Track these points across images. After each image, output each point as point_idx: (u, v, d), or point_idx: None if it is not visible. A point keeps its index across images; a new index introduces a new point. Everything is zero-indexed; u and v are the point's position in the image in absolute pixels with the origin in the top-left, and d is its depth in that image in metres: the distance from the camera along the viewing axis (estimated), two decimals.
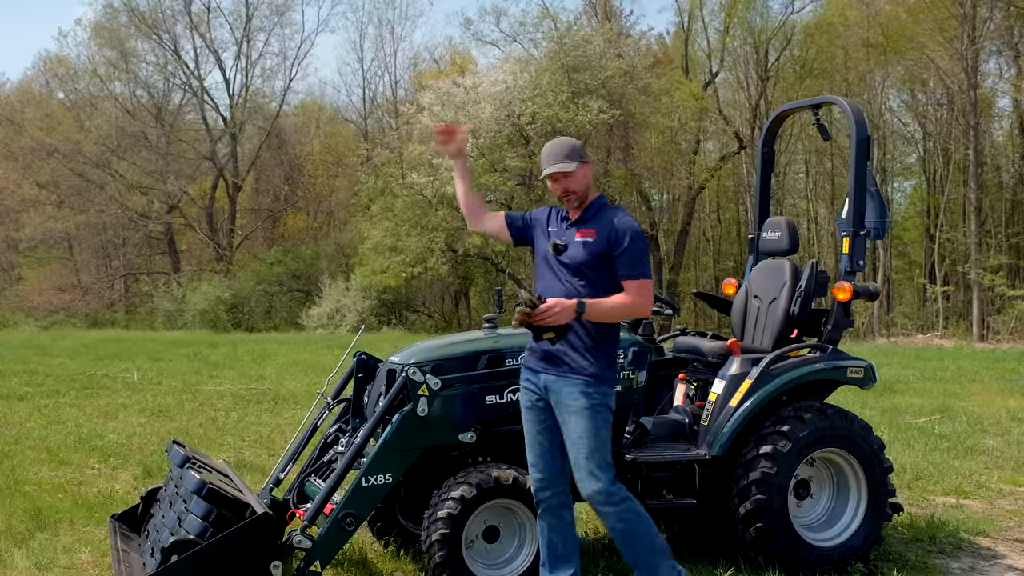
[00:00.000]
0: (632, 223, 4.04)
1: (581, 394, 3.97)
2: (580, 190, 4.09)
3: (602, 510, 4.02)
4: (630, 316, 4.08)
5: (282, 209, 41.80)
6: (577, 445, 3.98)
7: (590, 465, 3.96)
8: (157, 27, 37.70)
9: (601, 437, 3.98)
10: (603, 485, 3.96)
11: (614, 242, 3.98)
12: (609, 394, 4.04)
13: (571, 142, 4.14)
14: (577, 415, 3.97)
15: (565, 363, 4.01)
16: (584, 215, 4.11)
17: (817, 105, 5.77)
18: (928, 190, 33.88)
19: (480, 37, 36.41)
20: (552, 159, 4.07)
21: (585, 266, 4.02)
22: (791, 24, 33.51)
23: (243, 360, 16.50)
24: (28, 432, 8.95)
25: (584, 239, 4.03)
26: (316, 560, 4.19)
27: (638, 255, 3.98)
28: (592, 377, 3.97)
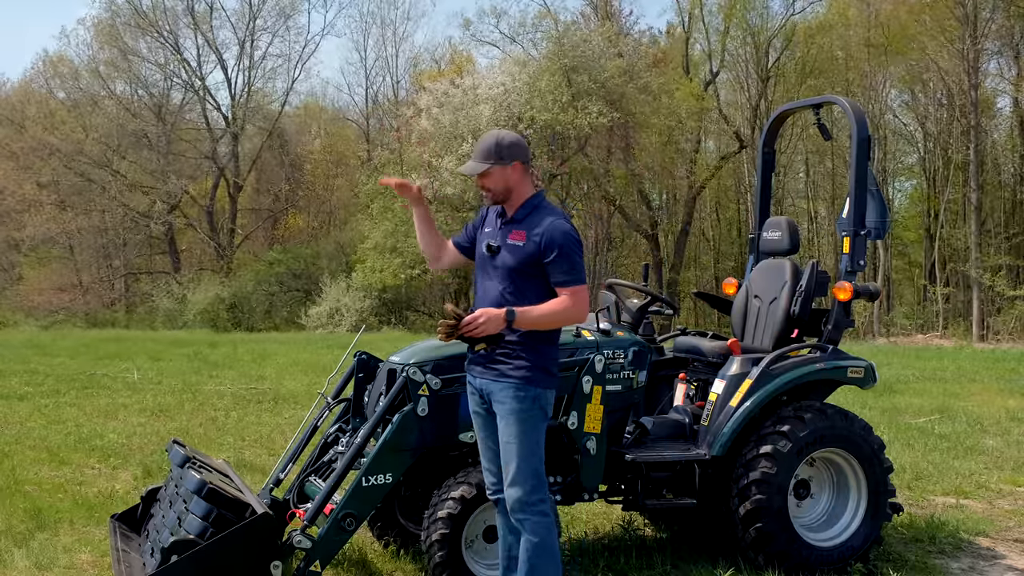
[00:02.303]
0: (563, 227, 3.84)
1: (512, 397, 3.83)
2: (496, 189, 3.93)
3: (520, 519, 3.87)
4: (565, 323, 3.90)
5: (283, 209, 41.79)
6: (504, 449, 3.87)
7: (511, 469, 3.84)
8: (159, 26, 37.72)
9: (528, 442, 3.83)
10: (520, 493, 3.81)
11: (544, 247, 3.80)
12: (542, 397, 3.87)
13: (494, 139, 3.95)
14: (506, 419, 3.86)
15: (498, 366, 3.87)
16: (516, 215, 3.94)
17: (818, 105, 5.77)
18: (928, 190, 33.89)
19: (480, 38, 36.41)
20: (473, 156, 3.95)
21: (515, 271, 3.87)
22: (791, 24, 33.53)
23: (243, 360, 16.49)
24: (28, 432, 8.94)
25: (515, 242, 3.87)
26: (316, 560, 4.19)
27: (571, 261, 3.80)
28: (523, 380, 3.82)
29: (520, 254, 3.86)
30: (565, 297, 3.81)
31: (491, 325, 3.74)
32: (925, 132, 33.92)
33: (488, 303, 3.91)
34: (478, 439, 4.15)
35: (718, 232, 39.31)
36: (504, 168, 3.91)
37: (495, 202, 3.99)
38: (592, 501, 5.01)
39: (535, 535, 3.86)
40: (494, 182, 3.93)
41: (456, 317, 3.74)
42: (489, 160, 3.92)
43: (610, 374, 4.86)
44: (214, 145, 38.99)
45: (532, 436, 3.86)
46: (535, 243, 3.83)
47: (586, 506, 5.78)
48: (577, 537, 5.51)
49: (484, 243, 4.00)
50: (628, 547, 5.26)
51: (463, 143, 28.78)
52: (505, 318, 3.75)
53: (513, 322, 3.76)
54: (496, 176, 3.92)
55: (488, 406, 4.00)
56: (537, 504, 3.85)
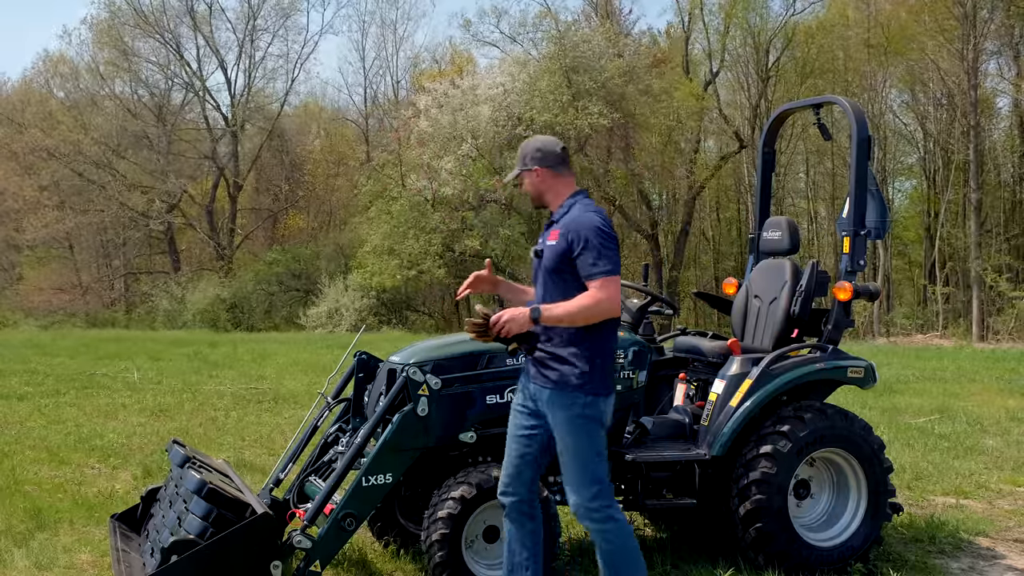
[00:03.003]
0: (590, 219, 3.79)
1: (564, 406, 3.79)
2: (530, 194, 4.04)
3: (586, 524, 3.86)
4: (596, 317, 3.74)
5: (282, 209, 41.79)
6: (562, 457, 3.85)
7: (569, 477, 3.83)
8: (160, 27, 37.72)
9: (581, 449, 3.78)
10: (580, 499, 3.80)
11: (572, 242, 3.78)
12: (593, 404, 3.79)
13: (523, 146, 4.05)
14: (560, 427, 3.83)
15: (548, 374, 3.82)
16: (555, 216, 3.97)
17: (818, 105, 5.77)
18: (928, 190, 33.89)
19: (480, 38, 36.40)
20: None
21: (552, 271, 3.86)
22: (791, 24, 33.53)
23: (243, 360, 16.49)
24: (28, 432, 8.94)
25: (551, 243, 3.88)
26: (316, 560, 4.19)
27: (597, 251, 3.72)
28: (569, 386, 3.77)
29: (553, 253, 3.86)
30: (593, 290, 3.73)
31: (515, 325, 3.71)
32: (925, 132, 33.92)
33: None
34: (509, 435, 4.10)
35: (718, 232, 39.31)
36: (530, 174, 3.99)
37: (536, 206, 4.09)
38: None
39: (607, 542, 3.83)
40: (525, 187, 4.05)
41: (484, 318, 3.72)
42: (521, 166, 4.03)
43: None
44: (214, 145, 38.99)
45: (585, 443, 3.80)
46: (566, 240, 3.83)
47: None
48: (577, 537, 5.50)
49: (532, 250, 4.07)
50: None
51: (462, 143, 28.78)
52: (530, 317, 3.71)
53: (539, 319, 3.72)
54: (530, 179, 4.01)
55: (533, 409, 3.96)
56: (601, 510, 3.81)
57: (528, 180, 4.00)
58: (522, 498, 4.00)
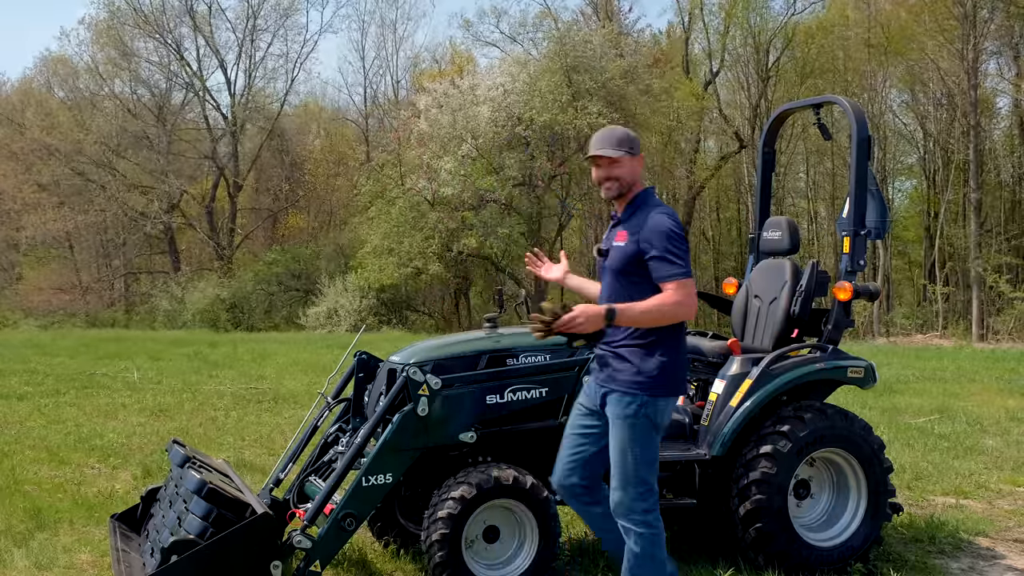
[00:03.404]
0: (665, 222, 3.80)
1: (618, 403, 3.82)
2: (623, 179, 3.92)
3: (622, 525, 3.88)
4: (670, 319, 3.78)
5: (282, 209, 41.80)
6: (613, 454, 3.88)
7: (617, 474, 3.85)
8: (160, 27, 37.71)
9: (634, 450, 3.80)
10: (623, 498, 3.82)
11: (645, 244, 3.79)
12: (652, 404, 3.79)
13: (625, 132, 3.99)
14: (614, 424, 3.85)
15: (610, 371, 3.87)
16: (623, 215, 3.97)
17: (818, 105, 5.77)
18: (928, 190, 33.89)
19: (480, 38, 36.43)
20: (600, 143, 3.92)
21: (620, 272, 3.88)
22: (792, 24, 33.52)
23: (243, 360, 16.49)
24: (28, 432, 8.94)
25: (619, 242, 3.89)
26: (316, 560, 4.19)
27: (673, 254, 3.75)
28: (632, 386, 3.79)
29: (622, 255, 3.86)
30: (669, 292, 3.74)
31: (589, 323, 3.66)
32: (925, 132, 33.91)
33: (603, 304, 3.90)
34: (566, 431, 4.17)
35: (718, 232, 39.31)
36: (633, 160, 3.94)
37: (616, 195, 3.96)
38: None
39: (637, 545, 3.84)
40: (621, 171, 3.92)
41: (553, 315, 3.67)
42: (622, 148, 3.91)
43: None
44: (214, 145, 38.98)
45: (639, 444, 3.81)
46: (635, 242, 3.82)
47: None
48: (577, 537, 5.50)
49: (595, 248, 4.05)
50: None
51: (462, 143, 28.78)
52: (605, 316, 3.68)
53: (614, 319, 3.69)
54: (627, 166, 3.93)
55: (593, 408, 4.00)
56: (641, 513, 3.82)
57: (630, 165, 3.92)
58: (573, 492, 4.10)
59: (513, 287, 29.84)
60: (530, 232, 30.40)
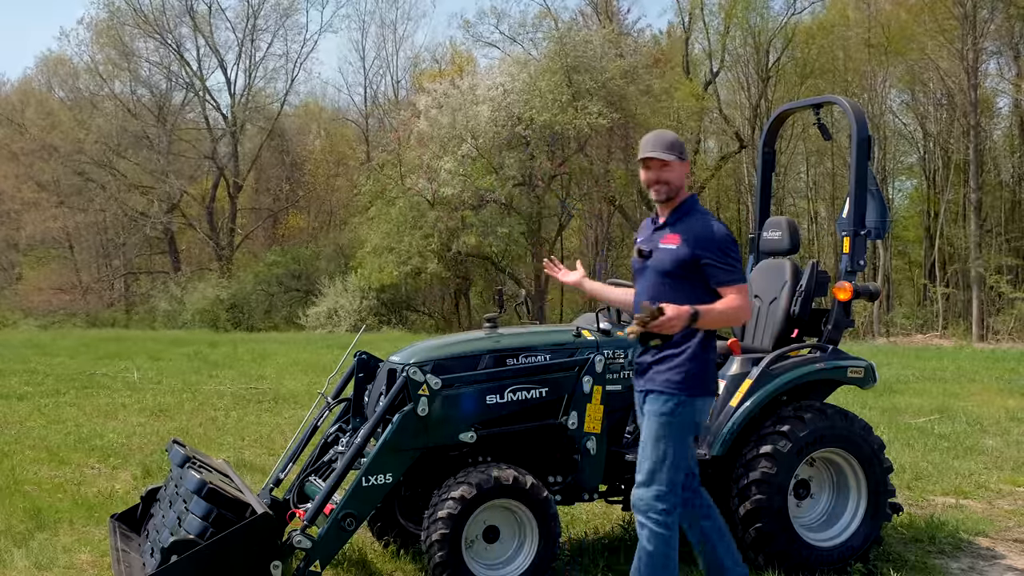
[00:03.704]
0: (719, 229, 3.92)
1: (657, 401, 3.89)
2: (672, 183, 3.98)
3: (640, 520, 3.90)
4: (735, 322, 3.95)
5: (283, 209, 41.80)
6: (643, 448, 3.91)
7: (644, 469, 3.88)
8: (160, 27, 37.72)
9: (664, 448, 3.85)
10: (647, 494, 3.85)
11: (700, 249, 3.86)
12: (687, 404, 3.87)
13: (675, 136, 4.05)
14: (651, 422, 3.90)
15: (652, 372, 3.93)
16: (670, 219, 4.01)
17: (818, 105, 5.76)
18: (928, 190, 33.88)
19: (480, 38, 36.39)
20: (652, 146, 3.97)
21: (668, 274, 3.93)
22: (792, 24, 33.52)
23: (243, 360, 16.50)
24: (28, 432, 8.95)
25: (668, 245, 3.93)
26: (316, 560, 4.19)
27: (731, 259, 3.88)
28: (671, 386, 3.86)
29: (673, 256, 3.90)
30: (734, 296, 3.85)
31: (679, 323, 3.72)
32: (925, 132, 33.90)
33: None
34: None
35: None
36: (682, 164, 3.99)
37: (665, 198, 4.00)
38: (592, 501, 5.01)
39: (651, 544, 3.86)
40: (673, 176, 3.98)
41: (652, 316, 3.69)
42: (674, 152, 3.96)
43: (610, 374, 4.86)
44: (214, 145, 38.99)
45: (671, 443, 3.86)
46: (690, 245, 3.87)
47: (586, 506, 5.78)
48: (577, 537, 5.50)
49: (635, 249, 4.08)
50: (628, 547, 5.24)
51: (462, 143, 28.78)
52: (689, 316, 3.72)
53: (697, 320, 3.75)
54: (677, 170, 3.98)
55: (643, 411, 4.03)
56: (661, 512, 3.85)
57: (679, 170, 3.98)
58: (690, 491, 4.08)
59: (513, 287, 29.84)
60: (530, 232, 30.40)
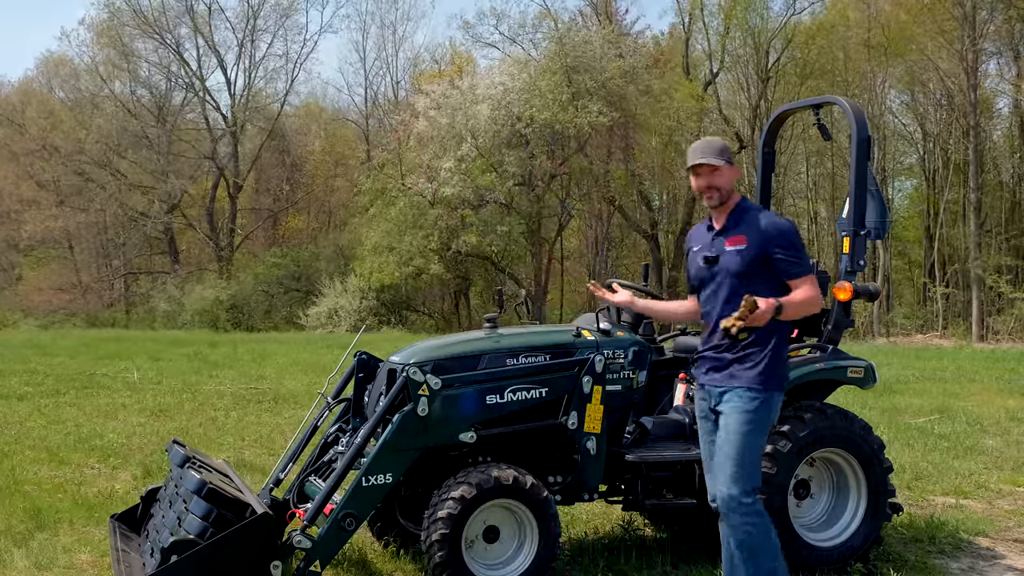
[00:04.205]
0: (785, 223, 4.01)
1: (741, 398, 3.92)
2: (724, 188, 4.05)
3: (728, 516, 3.94)
4: (811, 311, 4.00)
5: (283, 209, 41.81)
6: (723, 448, 3.94)
7: (729, 468, 3.90)
8: (160, 27, 37.72)
9: (751, 444, 3.91)
10: (736, 492, 3.89)
11: (769, 244, 3.93)
12: (769, 400, 3.94)
13: (722, 142, 4.12)
14: (729, 417, 3.93)
15: (731, 369, 3.96)
16: (728, 223, 4.06)
17: (818, 105, 5.76)
18: (928, 190, 33.89)
19: (480, 39, 36.39)
20: (701, 153, 4.03)
21: (741, 275, 3.96)
22: (792, 25, 33.52)
23: (243, 360, 16.50)
24: (28, 432, 8.95)
25: (736, 247, 3.99)
26: (316, 560, 4.19)
27: (799, 252, 3.96)
28: (756, 382, 3.91)
29: (744, 257, 3.96)
30: (808, 287, 3.92)
31: (768, 316, 3.78)
32: (925, 132, 33.92)
33: (718, 311, 3.99)
34: (702, 445, 4.16)
35: None
36: (731, 169, 4.06)
37: (718, 204, 4.06)
38: (592, 501, 5.01)
39: (749, 536, 3.93)
40: (724, 181, 4.05)
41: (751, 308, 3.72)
42: (723, 157, 4.03)
43: (610, 374, 4.86)
44: (214, 145, 39.00)
45: (756, 438, 3.94)
46: (759, 243, 3.94)
47: (586, 506, 5.79)
48: (577, 537, 5.50)
49: (700, 257, 4.10)
50: (628, 547, 5.26)
51: (462, 143, 28.78)
52: (774, 309, 3.78)
53: (781, 313, 3.81)
54: (727, 175, 4.05)
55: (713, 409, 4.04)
56: (753, 504, 3.92)
57: (729, 175, 4.05)
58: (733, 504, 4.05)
59: (513, 287, 29.84)
60: (530, 232, 30.41)
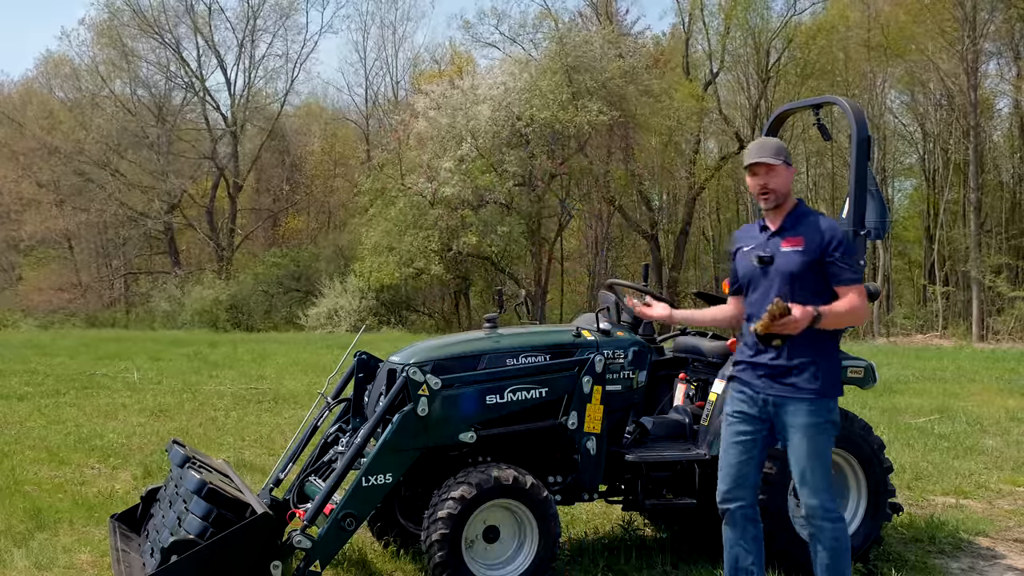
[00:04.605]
0: (840, 228, 3.98)
1: (806, 411, 3.89)
2: (780, 189, 4.02)
3: (818, 524, 3.95)
4: (855, 321, 3.97)
5: (282, 209, 41.80)
6: (801, 461, 3.92)
7: (809, 480, 3.91)
8: (160, 27, 37.72)
9: (824, 453, 3.93)
10: (820, 501, 3.92)
11: (825, 248, 3.90)
12: (834, 409, 3.97)
13: (779, 142, 4.09)
14: (801, 433, 3.90)
15: (791, 379, 3.91)
16: (785, 223, 4.03)
17: (818, 105, 5.75)
18: (928, 190, 33.90)
19: (480, 39, 36.38)
20: (757, 152, 4.02)
21: (796, 276, 3.93)
22: (792, 25, 33.53)
23: (243, 360, 16.50)
24: (28, 432, 8.94)
25: (793, 248, 3.95)
26: (316, 560, 4.19)
27: (852, 260, 3.94)
28: (817, 394, 3.88)
29: (800, 260, 3.92)
30: (854, 295, 3.89)
31: (803, 323, 3.77)
32: (925, 133, 33.93)
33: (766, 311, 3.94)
34: (726, 443, 4.11)
35: (718, 232, 39.30)
36: (788, 170, 4.04)
37: (774, 205, 4.03)
38: (592, 501, 5.02)
39: (836, 540, 3.97)
40: (779, 180, 4.02)
41: (783, 312, 3.71)
42: (780, 158, 4.00)
43: (610, 374, 4.86)
44: (214, 145, 39.00)
45: (827, 447, 3.95)
46: (816, 246, 3.91)
47: (586, 506, 5.78)
48: (577, 537, 5.50)
49: (753, 256, 4.04)
50: (628, 547, 5.26)
51: (462, 143, 28.78)
52: (812, 318, 3.76)
53: (818, 322, 3.79)
54: (783, 175, 4.02)
55: (753, 414, 4.01)
56: (836, 511, 3.97)
57: (785, 175, 4.03)
58: (748, 503, 4.08)
59: (513, 287, 29.84)
60: (530, 232, 30.40)
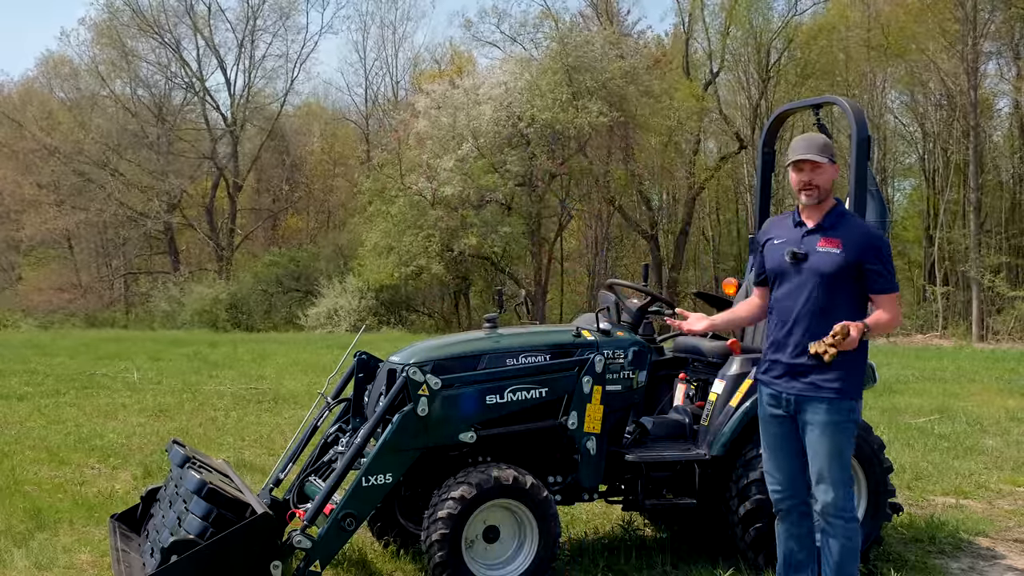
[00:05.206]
0: (880, 235, 3.98)
1: (827, 410, 3.92)
2: (823, 186, 3.98)
3: (832, 522, 3.96)
4: (888, 331, 4.06)
5: (282, 209, 41.80)
6: (820, 459, 3.94)
7: (827, 477, 3.92)
8: (160, 27, 37.73)
9: (844, 452, 3.96)
10: (835, 498, 3.94)
11: (865, 254, 3.88)
12: (856, 409, 3.99)
13: (825, 139, 4.07)
14: (821, 430, 3.93)
15: (811, 378, 3.94)
16: (824, 223, 3.99)
17: (818, 105, 5.76)
18: (928, 190, 33.90)
19: (480, 38, 36.36)
20: (804, 148, 3.97)
21: (830, 277, 3.91)
22: (792, 25, 33.53)
23: (243, 360, 16.49)
24: (28, 432, 8.94)
25: (829, 249, 3.91)
26: (316, 560, 4.19)
27: (891, 268, 3.94)
28: (839, 393, 3.90)
29: (837, 261, 3.90)
30: (891, 305, 3.93)
31: (858, 340, 3.79)
32: (925, 133, 33.92)
33: (797, 310, 3.95)
34: (766, 446, 4.17)
35: (718, 232, 39.31)
36: (833, 168, 4.00)
37: (816, 202, 3.99)
38: (592, 501, 5.02)
39: (849, 539, 3.98)
40: (823, 178, 3.98)
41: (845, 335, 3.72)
42: (825, 155, 3.97)
43: (610, 374, 4.86)
44: (214, 145, 39.00)
45: (847, 446, 3.99)
46: (854, 250, 3.89)
47: (586, 506, 5.79)
48: (577, 537, 5.50)
49: (786, 251, 4.01)
50: (628, 547, 5.26)
51: (463, 143, 28.77)
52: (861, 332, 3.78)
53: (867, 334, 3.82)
54: (828, 173, 3.99)
55: (788, 413, 4.04)
56: (850, 510, 3.99)
57: (830, 173, 3.99)
58: (802, 499, 4.11)
59: (513, 287, 29.84)
60: (530, 232, 30.41)
